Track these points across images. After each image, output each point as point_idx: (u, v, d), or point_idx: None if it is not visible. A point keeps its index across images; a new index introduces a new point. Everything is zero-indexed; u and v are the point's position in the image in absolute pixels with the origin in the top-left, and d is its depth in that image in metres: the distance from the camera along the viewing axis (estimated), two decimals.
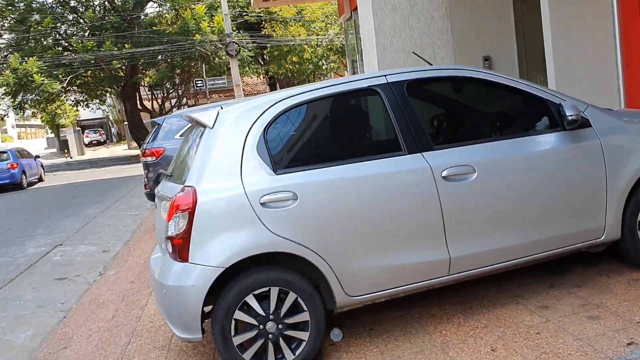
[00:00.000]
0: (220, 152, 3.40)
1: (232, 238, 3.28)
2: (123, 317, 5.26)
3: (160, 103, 37.26)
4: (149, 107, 37.35)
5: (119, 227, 10.62)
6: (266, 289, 3.32)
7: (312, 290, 3.40)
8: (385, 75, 3.68)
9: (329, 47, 34.39)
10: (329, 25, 33.30)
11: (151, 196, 9.51)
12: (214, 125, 3.44)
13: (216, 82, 29.01)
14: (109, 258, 8.20)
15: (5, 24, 31.50)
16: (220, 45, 29.85)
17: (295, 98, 3.57)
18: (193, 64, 33.68)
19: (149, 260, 7.60)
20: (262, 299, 3.34)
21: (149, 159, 9.15)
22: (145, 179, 9.46)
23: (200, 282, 3.23)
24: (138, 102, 35.09)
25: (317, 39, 32.81)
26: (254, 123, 3.44)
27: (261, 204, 3.31)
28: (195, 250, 3.25)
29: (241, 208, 3.29)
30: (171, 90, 37.51)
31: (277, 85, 37.39)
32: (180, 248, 3.27)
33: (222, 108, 3.54)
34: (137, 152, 36.53)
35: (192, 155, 3.54)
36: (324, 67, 34.17)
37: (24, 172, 21.78)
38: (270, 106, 3.51)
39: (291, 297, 3.35)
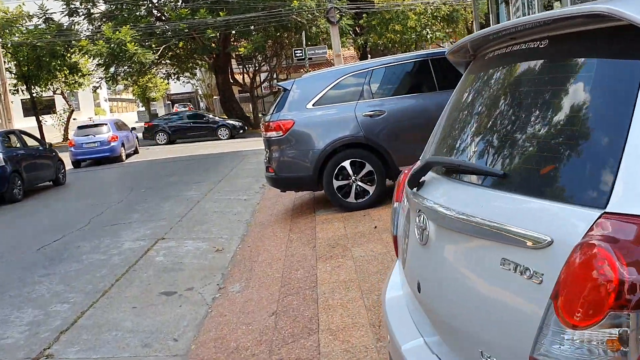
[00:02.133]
0: None
1: None
2: None
3: (251, 77, 35.76)
4: (240, 80, 35.98)
5: (228, 215, 8.73)
6: None
7: None
8: None
9: (434, 14, 31.52)
10: None
11: (275, 182, 7.47)
12: None
13: (316, 51, 26.78)
14: (226, 262, 6.26)
15: None
16: (317, 14, 27.72)
17: None
18: (287, 35, 31.78)
19: (290, 274, 5.46)
20: None
21: (274, 134, 7.13)
22: (267, 160, 7.45)
23: None
24: (230, 76, 33.68)
25: (423, 3, 29.98)
26: None
27: None
28: None
29: None
30: (263, 64, 35.89)
31: (369, 57, 34.77)
32: None
33: None
34: None
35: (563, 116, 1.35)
36: (428, 37, 31.32)
37: (122, 144, 20.95)
38: None
39: None
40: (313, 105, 7.08)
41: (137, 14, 30.07)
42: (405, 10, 30.17)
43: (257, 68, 35.71)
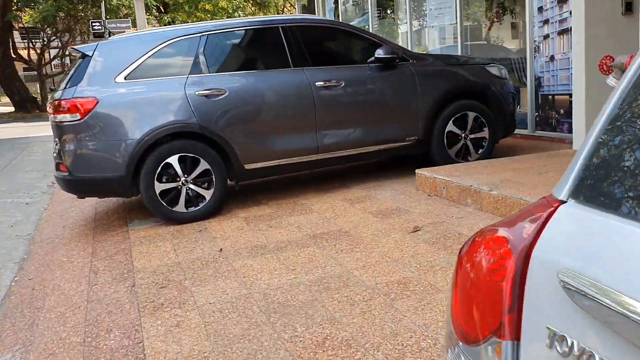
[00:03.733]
0: None
1: None
2: None
3: (38, 52, 31.30)
4: (25, 56, 31.34)
5: (2, 227, 6.40)
6: None
7: None
8: None
9: None
10: None
11: (70, 185, 5.30)
12: None
13: (118, 25, 23.40)
14: None
15: None
16: None
17: None
18: (82, 7, 28.16)
19: (98, 339, 3.22)
20: None
21: (67, 117, 5.11)
22: (58, 154, 5.35)
23: None
24: (11, 50, 28.98)
25: None
26: None
27: None
28: None
29: None
30: (53, 38, 31.61)
31: None
32: None
33: None
34: (9, 109, 30.44)
35: None
36: None
37: None
38: None
39: None
40: (125, 78, 5.15)
41: None
42: None
43: (45, 43, 31.43)
